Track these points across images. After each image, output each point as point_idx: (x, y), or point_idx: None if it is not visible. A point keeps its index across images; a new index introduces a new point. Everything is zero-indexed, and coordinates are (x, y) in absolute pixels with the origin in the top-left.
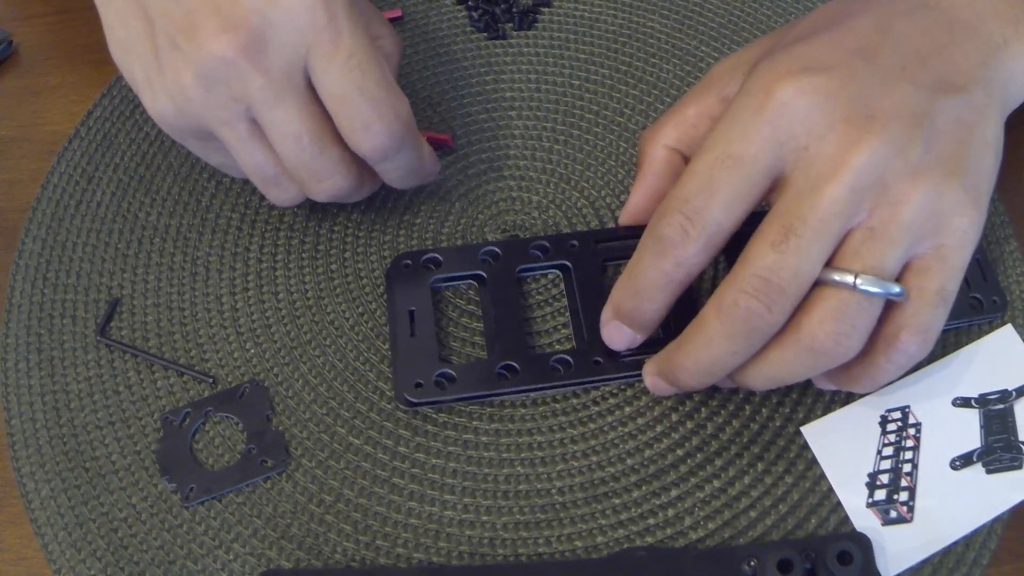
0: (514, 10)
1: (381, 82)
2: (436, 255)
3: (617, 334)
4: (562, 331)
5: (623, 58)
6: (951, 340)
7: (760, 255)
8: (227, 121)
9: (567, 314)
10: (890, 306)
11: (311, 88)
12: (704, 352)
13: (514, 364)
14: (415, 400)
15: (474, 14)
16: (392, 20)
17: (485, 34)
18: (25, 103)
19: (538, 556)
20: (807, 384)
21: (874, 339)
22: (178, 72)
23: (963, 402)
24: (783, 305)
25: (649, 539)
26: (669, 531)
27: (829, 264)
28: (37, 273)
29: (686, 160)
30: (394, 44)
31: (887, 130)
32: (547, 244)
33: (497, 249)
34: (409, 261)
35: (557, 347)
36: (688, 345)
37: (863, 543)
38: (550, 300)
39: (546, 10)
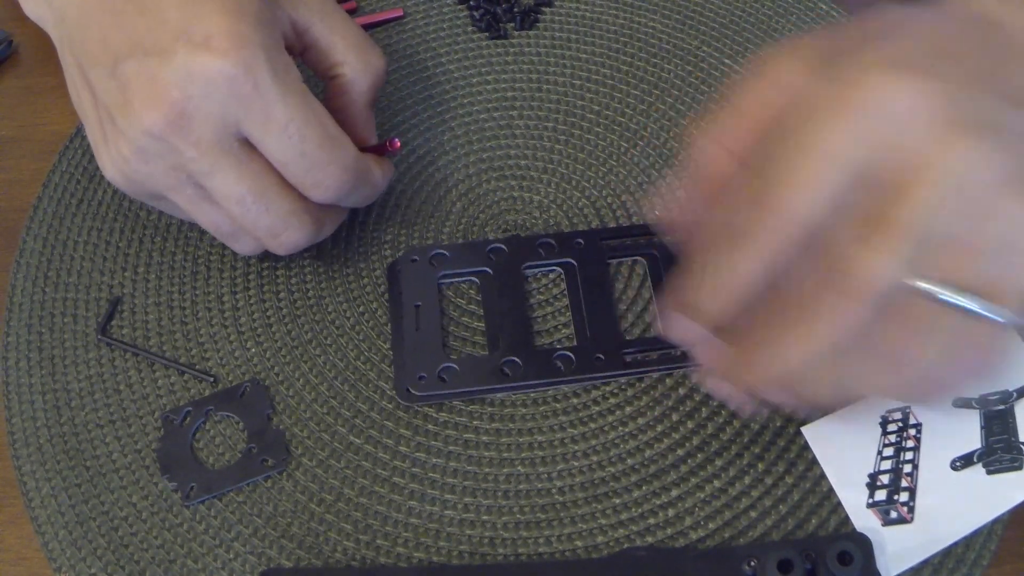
0: (515, 10)
1: (322, 142)
2: (443, 251)
3: (676, 325)
4: (563, 330)
5: (624, 58)
6: None
7: (847, 253)
8: (173, 187)
9: (569, 312)
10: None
11: (250, 148)
12: (788, 355)
13: (517, 360)
14: (418, 393)
15: (475, 14)
16: (393, 19)
17: (486, 34)
18: (25, 103)
19: (538, 556)
20: None
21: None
22: (118, 145)
23: (964, 403)
24: (868, 306)
25: (649, 539)
26: (669, 531)
27: (917, 271)
28: (38, 272)
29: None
30: (363, 67)
31: (979, 137)
32: (552, 242)
33: (503, 246)
34: (416, 257)
35: (558, 345)
36: (771, 347)
37: (863, 543)
38: (551, 300)
39: (547, 10)
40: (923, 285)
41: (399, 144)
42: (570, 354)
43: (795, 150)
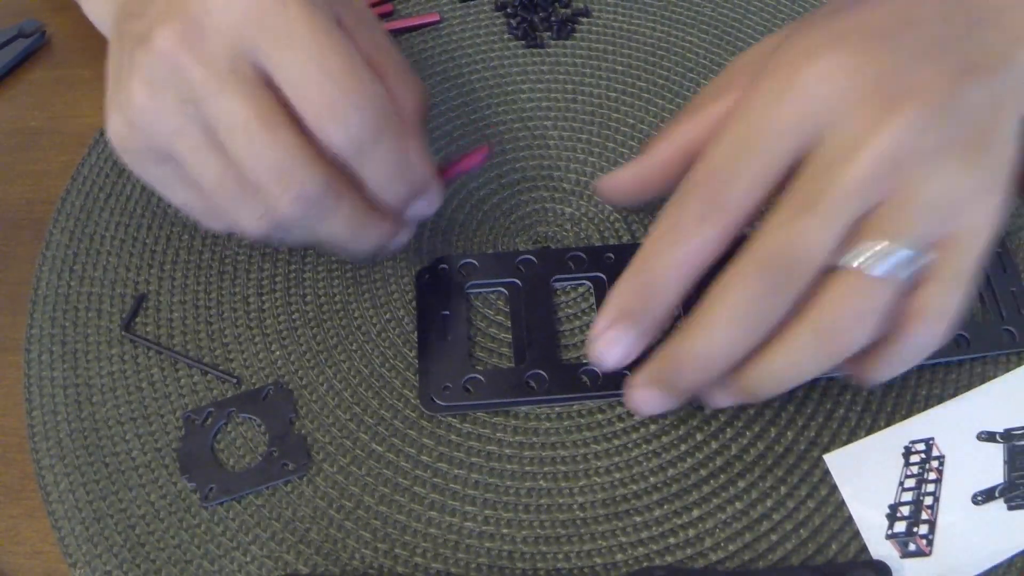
0: (552, 19)
1: (347, 64)
2: (472, 260)
3: (614, 345)
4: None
5: (660, 71)
6: (977, 373)
7: (775, 229)
8: (177, 129)
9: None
10: (907, 293)
11: (264, 81)
12: (716, 334)
13: (542, 373)
14: (442, 403)
15: (512, 22)
16: (429, 24)
17: (522, 42)
18: (57, 94)
19: (557, 571)
20: (832, 408)
21: (891, 326)
22: (129, 84)
23: (988, 436)
24: (796, 282)
25: (669, 558)
26: (689, 551)
27: (846, 243)
28: (64, 265)
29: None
30: (407, 85)
31: (911, 111)
32: (583, 255)
33: (533, 258)
34: (445, 266)
35: (585, 361)
36: (696, 328)
37: (883, 571)
38: (579, 314)
39: (585, 20)
40: (854, 258)
41: (487, 150)
42: (596, 369)
43: (733, 141)
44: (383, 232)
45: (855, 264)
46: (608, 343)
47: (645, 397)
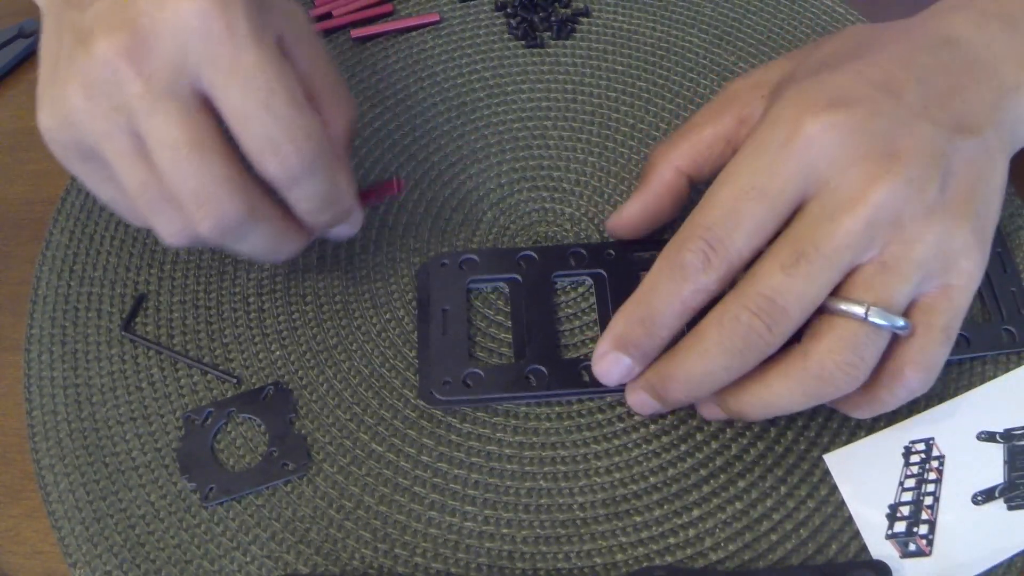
0: (552, 19)
1: (290, 100)
2: (473, 256)
3: (615, 366)
4: (591, 344)
5: (660, 71)
6: (977, 373)
7: (768, 275)
8: (107, 133)
9: (596, 328)
10: (895, 342)
11: (202, 102)
12: (698, 363)
13: (543, 369)
14: (441, 398)
15: (512, 21)
16: (429, 24)
17: (523, 42)
18: None
19: (557, 571)
20: (832, 408)
21: (878, 372)
22: (66, 82)
23: (988, 436)
24: (784, 327)
25: (669, 558)
26: (689, 551)
27: (838, 294)
28: (63, 265)
29: (691, 182)
30: (337, 106)
31: (908, 169)
32: (583, 251)
33: (533, 254)
34: (446, 261)
35: (584, 359)
36: (682, 355)
37: (883, 571)
38: (579, 313)
39: (585, 20)
40: (846, 308)
41: (404, 185)
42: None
43: (738, 191)
44: (300, 246)
45: (854, 313)
46: (608, 365)
47: (641, 400)
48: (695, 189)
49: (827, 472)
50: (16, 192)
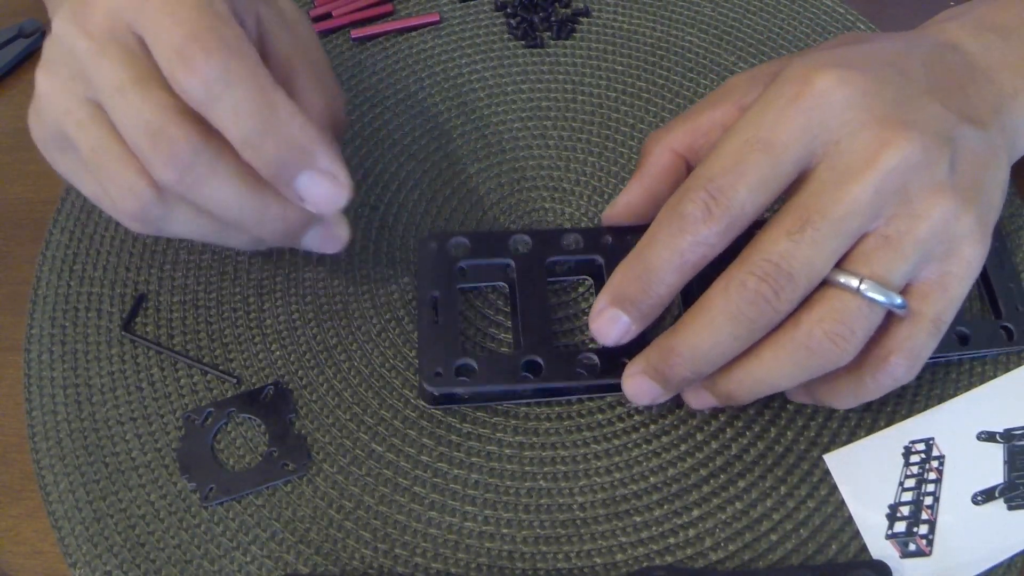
0: (552, 19)
1: (198, 14)
2: (464, 239)
3: (611, 324)
4: (591, 345)
5: (660, 71)
6: (977, 373)
7: (774, 240)
8: (67, 109)
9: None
10: (884, 327)
11: (144, 49)
12: (704, 334)
13: (539, 360)
14: (434, 390)
15: (512, 21)
16: (429, 24)
17: (522, 42)
18: None
19: (557, 571)
20: (833, 409)
21: (863, 357)
22: (36, 73)
23: (988, 436)
24: (790, 294)
25: (669, 558)
26: (689, 551)
27: (837, 265)
28: (63, 265)
29: (688, 167)
30: (319, 88)
31: (920, 139)
32: (580, 237)
33: (528, 238)
34: (435, 244)
35: (592, 345)
36: (687, 327)
37: (883, 571)
38: (580, 314)
39: (584, 20)
40: (843, 279)
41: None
42: (594, 356)
43: (742, 142)
44: (279, 212)
45: (848, 284)
46: (605, 322)
47: (639, 385)
48: None
49: (827, 472)
50: (16, 192)
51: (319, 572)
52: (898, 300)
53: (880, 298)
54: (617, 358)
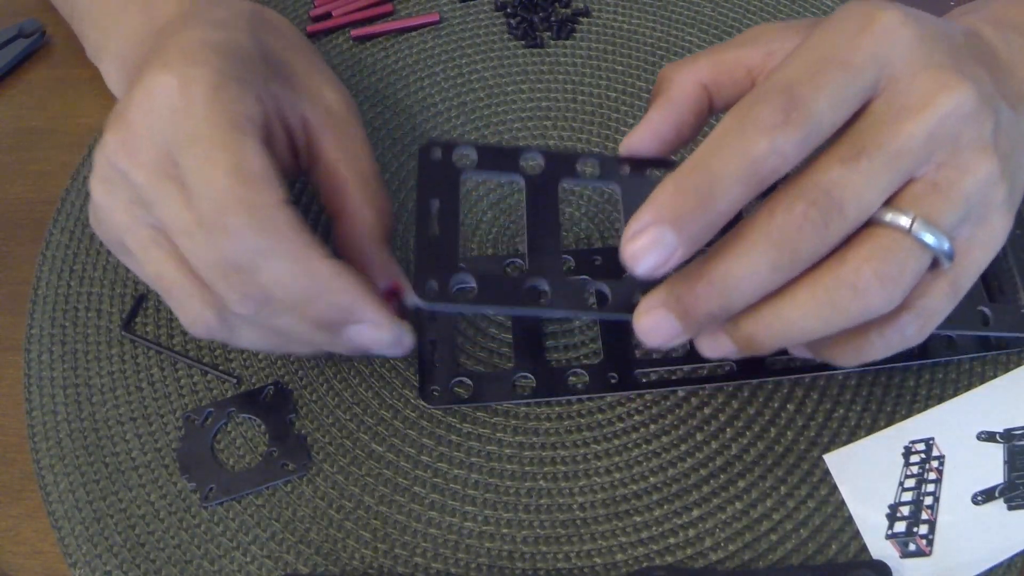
0: (552, 19)
1: (231, 171)
2: (471, 149)
3: (653, 246)
4: (590, 345)
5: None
6: (977, 373)
7: (825, 168)
8: (129, 228)
9: (596, 328)
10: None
11: None
12: (742, 260)
13: (544, 286)
14: (427, 303)
15: (512, 21)
16: (429, 24)
17: (523, 42)
18: (57, 94)
19: (557, 571)
20: (832, 408)
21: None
22: (91, 179)
23: (988, 436)
24: (839, 224)
25: (669, 558)
26: (689, 551)
27: (887, 203)
28: (64, 265)
29: (713, 108)
30: (369, 204)
31: (975, 91)
32: (597, 163)
33: (540, 156)
34: (439, 151)
35: (585, 361)
36: (721, 254)
37: (883, 571)
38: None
39: (585, 20)
40: (891, 217)
41: (398, 287)
42: (605, 287)
43: (818, 57)
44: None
45: (898, 223)
46: (646, 244)
47: (655, 320)
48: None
49: (827, 472)
50: (16, 192)
51: (319, 572)
52: (947, 246)
53: (931, 239)
54: (630, 291)
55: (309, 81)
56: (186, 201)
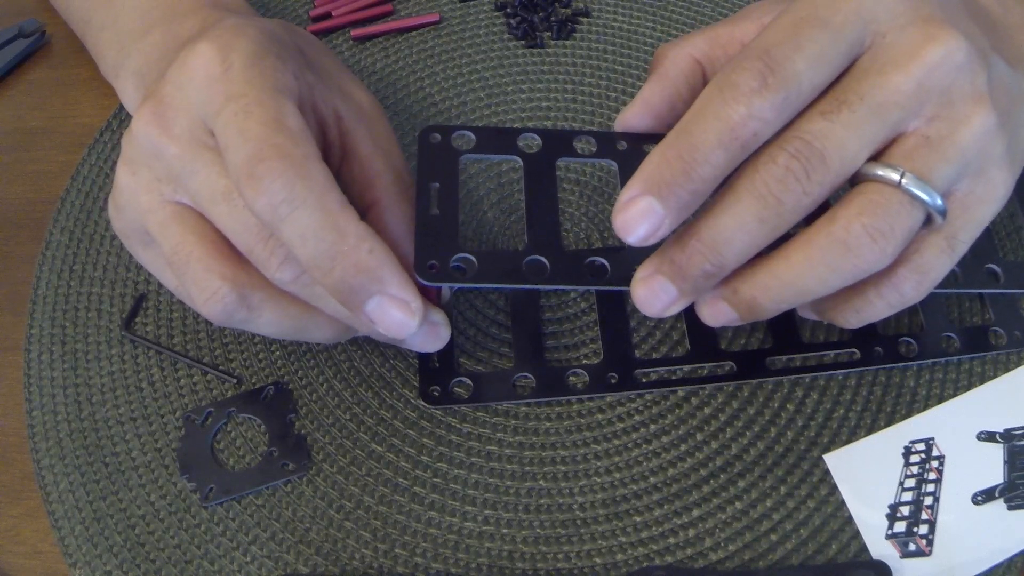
0: (552, 19)
1: (267, 122)
2: (469, 132)
3: (642, 216)
4: (590, 345)
5: None
6: (977, 373)
7: (807, 119)
8: (151, 208)
9: (596, 328)
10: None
11: None
12: (730, 215)
13: (543, 260)
14: (428, 281)
15: (512, 21)
16: (429, 24)
17: (523, 42)
18: (57, 94)
19: (557, 571)
20: (832, 408)
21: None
22: (116, 168)
23: (987, 436)
24: (822, 175)
25: (669, 558)
26: (689, 551)
27: (876, 159)
28: (63, 265)
29: (707, 79)
30: (401, 194)
31: (965, 43)
32: (593, 140)
33: (537, 136)
34: (438, 135)
35: (584, 361)
36: (710, 211)
37: (883, 572)
38: (579, 314)
39: (585, 20)
40: (882, 172)
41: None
42: (604, 260)
43: (798, 18)
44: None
45: (888, 177)
46: (635, 215)
47: (652, 287)
48: None
49: (827, 472)
50: (16, 192)
51: (319, 572)
52: (939, 201)
53: (922, 194)
54: (629, 265)
55: (340, 80)
56: (221, 167)
